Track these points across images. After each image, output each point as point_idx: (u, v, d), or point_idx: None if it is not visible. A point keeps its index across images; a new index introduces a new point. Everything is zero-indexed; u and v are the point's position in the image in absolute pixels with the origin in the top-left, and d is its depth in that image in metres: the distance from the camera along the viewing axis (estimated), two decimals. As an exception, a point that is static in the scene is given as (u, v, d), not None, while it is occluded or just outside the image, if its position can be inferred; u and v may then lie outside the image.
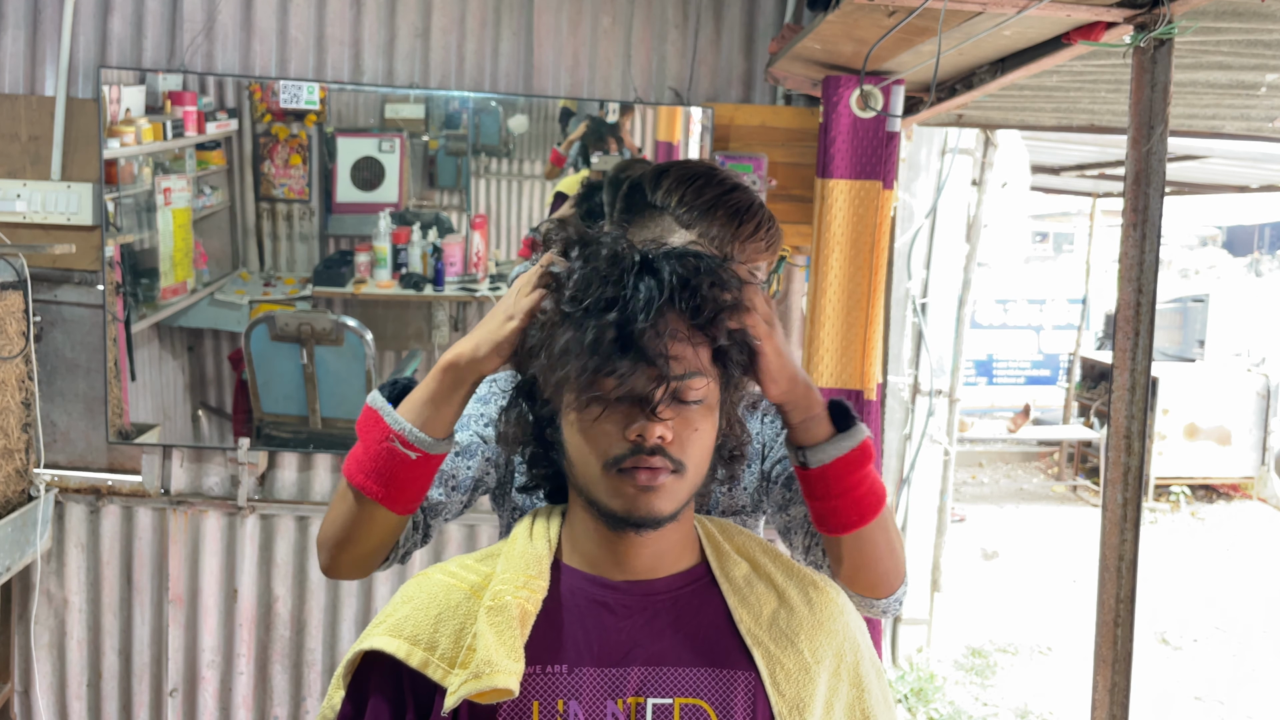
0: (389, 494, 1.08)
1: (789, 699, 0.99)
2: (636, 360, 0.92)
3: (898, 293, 3.65)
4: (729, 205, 1.28)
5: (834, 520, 1.10)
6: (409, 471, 1.07)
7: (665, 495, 0.96)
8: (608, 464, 0.95)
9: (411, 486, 1.09)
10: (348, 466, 1.10)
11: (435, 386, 1.06)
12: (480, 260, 2.99)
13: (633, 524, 0.97)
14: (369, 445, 1.08)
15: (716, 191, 1.29)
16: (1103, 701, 1.67)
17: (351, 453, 1.10)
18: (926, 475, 4.01)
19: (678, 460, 0.96)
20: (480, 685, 0.92)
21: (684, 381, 0.95)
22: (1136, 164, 1.62)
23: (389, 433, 1.06)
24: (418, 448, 1.06)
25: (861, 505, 1.09)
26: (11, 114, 2.87)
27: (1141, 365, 1.63)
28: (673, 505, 0.97)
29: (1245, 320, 8.11)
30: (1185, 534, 6.67)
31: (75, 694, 3.08)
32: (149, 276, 2.89)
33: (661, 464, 0.95)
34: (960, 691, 4.29)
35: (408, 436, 1.06)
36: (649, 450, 0.94)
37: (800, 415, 1.06)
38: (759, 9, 3.05)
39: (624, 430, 0.94)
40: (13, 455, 2.82)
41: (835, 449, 1.06)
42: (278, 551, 3.07)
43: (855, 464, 1.07)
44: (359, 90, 2.94)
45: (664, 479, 0.95)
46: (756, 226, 1.30)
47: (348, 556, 1.14)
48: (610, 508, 0.97)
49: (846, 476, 1.07)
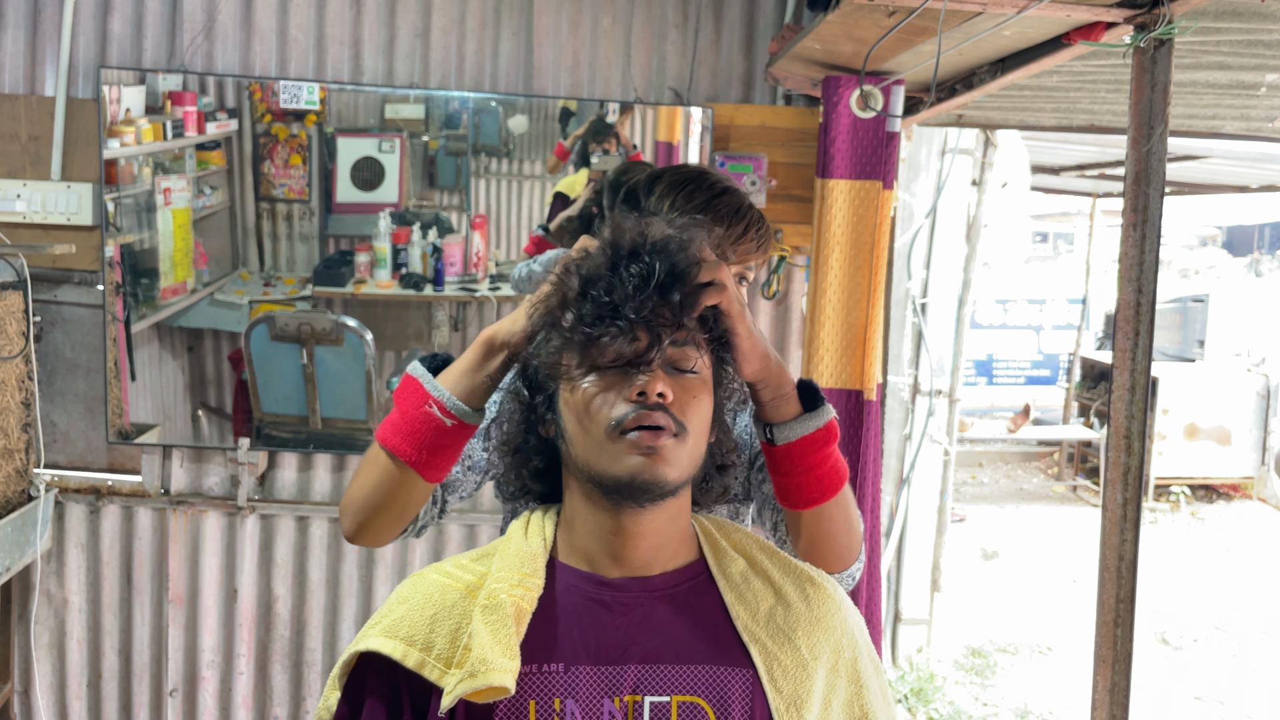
0: (422, 459, 1.11)
1: (786, 696, 0.99)
2: (632, 324, 0.96)
3: (898, 293, 3.65)
4: (719, 208, 1.34)
5: (796, 495, 1.14)
6: (444, 438, 1.11)
7: (668, 460, 0.96)
8: (610, 427, 0.96)
9: (444, 453, 1.12)
10: (382, 431, 1.13)
11: (473, 358, 1.11)
12: (480, 260, 2.99)
13: (636, 491, 0.97)
14: (406, 410, 1.12)
15: (706, 195, 1.35)
16: (1103, 701, 1.67)
17: (387, 419, 1.14)
18: (926, 475, 4.01)
19: (680, 422, 0.97)
20: (476, 684, 0.92)
21: (681, 349, 0.98)
22: (1136, 164, 1.62)
23: (429, 398, 1.10)
24: (455, 415, 1.10)
25: (824, 482, 1.13)
26: (11, 114, 2.87)
27: (1141, 365, 1.63)
28: (675, 473, 0.97)
29: (1245, 320, 8.12)
30: (1185, 534, 6.67)
31: (75, 694, 3.08)
32: (149, 276, 2.89)
33: (665, 422, 0.96)
34: (960, 691, 4.29)
35: (446, 403, 1.10)
36: (651, 406, 0.95)
37: (771, 394, 1.10)
38: (759, 9, 3.05)
39: (625, 392, 0.96)
40: (13, 455, 2.82)
41: (802, 427, 1.10)
42: (278, 551, 3.07)
43: (820, 442, 1.12)
44: (359, 90, 2.94)
45: (665, 440, 0.96)
46: (746, 227, 1.35)
47: (374, 521, 1.18)
48: (614, 474, 0.97)
49: (811, 454, 1.12)
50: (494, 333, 1.10)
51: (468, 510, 3.08)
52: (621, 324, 0.96)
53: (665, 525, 1.02)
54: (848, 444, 2.45)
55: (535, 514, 1.09)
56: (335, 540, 3.09)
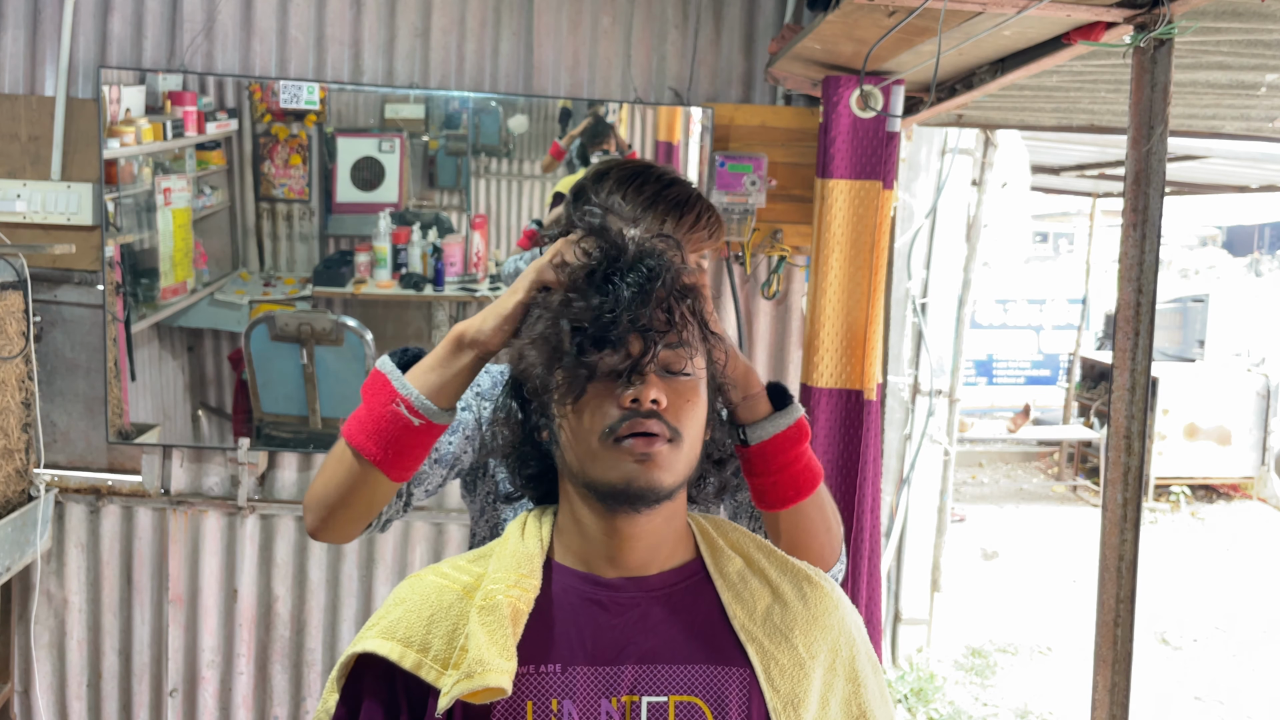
0: (387, 458, 1.10)
1: (784, 695, 0.99)
2: (625, 331, 0.95)
3: (898, 293, 3.65)
4: (668, 199, 1.34)
5: (772, 495, 1.17)
6: (411, 438, 1.10)
7: (663, 465, 0.96)
8: (604, 434, 0.95)
9: (411, 453, 1.11)
10: (348, 427, 1.12)
11: (441, 354, 1.10)
12: (480, 260, 2.99)
13: (631, 498, 0.97)
14: (373, 408, 1.10)
15: (655, 188, 1.35)
16: (1103, 701, 1.67)
17: (354, 414, 1.12)
18: (926, 475, 4.01)
19: (674, 428, 0.97)
20: (473, 685, 0.92)
21: (674, 350, 0.98)
22: (1136, 164, 1.62)
23: (395, 396, 1.09)
24: (422, 414, 1.08)
25: (798, 481, 1.16)
26: (11, 114, 2.87)
27: (1141, 365, 1.63)
28: (671, 478, 0.97)
29: (1245, 320, 8.12)
30: (1185, 534, 6.67)
31: (75, 694, 3.08)
32: (149, 276, 2.89)
33: (659, 429, 0.95)
34: (960, 691, 4.29)
35: (414, 402, 1.08)
36: (645, 414, 0.95)
37: (741, 394, 1.13)
38: (759, 9, 3.05)
39: (618, 399, 0.95)
40: (13, 455, 2.82)
41: (773, 426, 1.14)
42: (278, 551, 3.07)
43: (792, 441, 1.14)
44: (359, 90, 2.94)
45: (660, 447, 0.96)
46: (697, 217, 1.35)
47: (336, 519, 1.16)
48: (609, 481, 0.96)
49: (784, 453, 1.14)
50: (463, 330, 1.09)
51: (467, 511, 3.07)
52: (614, 339, 0.95)
53: (661, 526, 1.02)
54: (847, 444, 2.45)
55: (531, 515, 1.09)
56: (335, 540, 3.09)
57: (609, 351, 0.95)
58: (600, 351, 0.95)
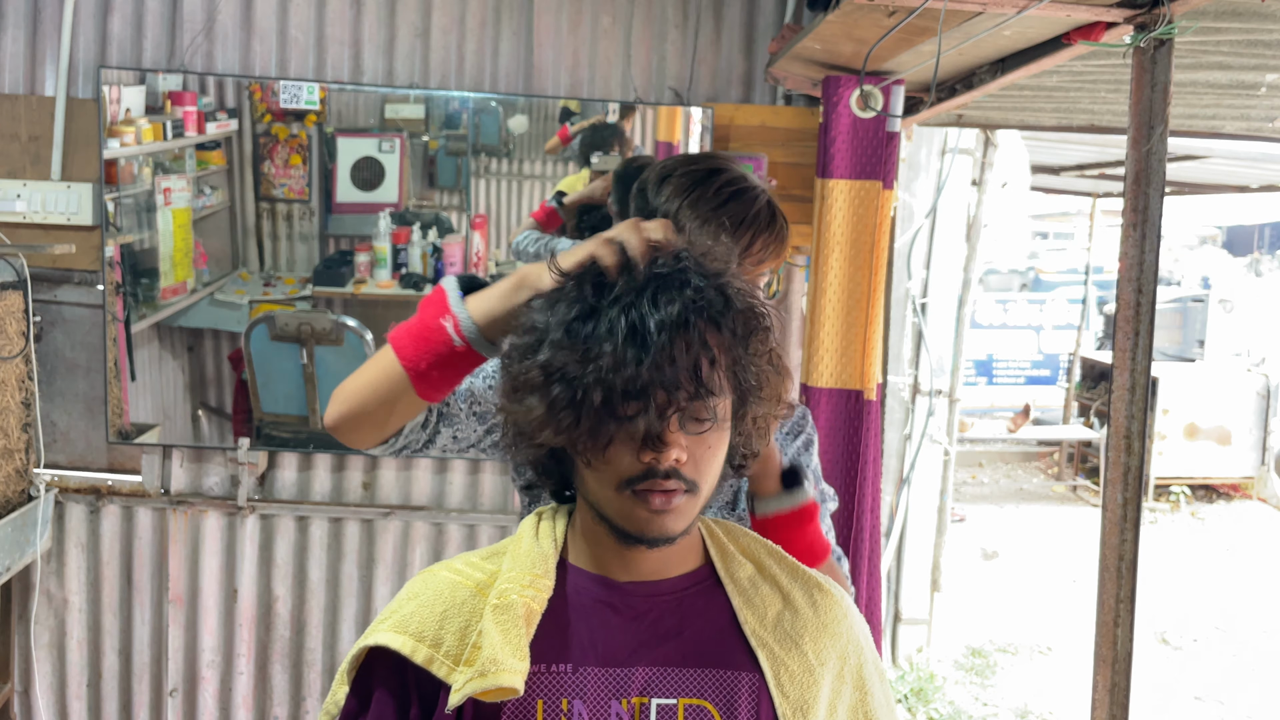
0: (419, 368, 1.10)
1: (793, 700, 0.99)
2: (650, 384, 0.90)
3: (898, 293, 3.65)
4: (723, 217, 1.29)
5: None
6: (450, 355, 1.09)
7: (678, 515, 0.96)
8: (621, 485, 0.95)
9: (445, 371, 1.10)
10: (395, 331, 1.12)
11: (504, 289, 1.07)
12: (480, 260, 2.99)
13: (645, 542, 0.97)
14: (424, 318, 1.10)
15: (712, 205, 1.30)
16: (1103, 701, 1.67)
17: (405, 322, 1.12)
18: (926, 475, 4.01)
19: (691, 481, 0.95)
20: (485, 684, 0.92)
21: (700, 401, 0.93)
22: (1136, 164, 1.62)
23: (447, 312, 1.08)
24: (466, 337, 1.08)
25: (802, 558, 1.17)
26: (11, 114, 2.87)
27: (1141, 365, 1.63)
28: (685, 524, 0.97)
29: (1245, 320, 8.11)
30: (1185, 534, 6.67)
31: (75, 694, 3.08)
32: (149, 276, 2.89)
33: (676, 485, 0.94)
34: (960, 691, 4.29)
35: (462, 323, 1.07)
36: (663, 474, 0.93)
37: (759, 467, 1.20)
38: (759, 9, 3.04)
39: (638, 453, 0.93)
40: (13, 455, 2.82)
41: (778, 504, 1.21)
42: (278, 551, 3.07)
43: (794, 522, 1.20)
44: (359, 90, 2.94)
45: (678, 500, 0.95)
46: (753, 239, 1.31)
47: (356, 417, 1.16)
48: (622, 527, 0.97)
49: (788, 529, 1.21)
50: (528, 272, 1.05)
51: (468, 510, 3.08)
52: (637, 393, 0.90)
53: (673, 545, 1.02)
54: (847, 444, 2.45)
55: (545, 514, 1.09)
56: (335, 540, 3.09)
57: (633, 404, 0.91)
58: (624, 404, 0.91)
